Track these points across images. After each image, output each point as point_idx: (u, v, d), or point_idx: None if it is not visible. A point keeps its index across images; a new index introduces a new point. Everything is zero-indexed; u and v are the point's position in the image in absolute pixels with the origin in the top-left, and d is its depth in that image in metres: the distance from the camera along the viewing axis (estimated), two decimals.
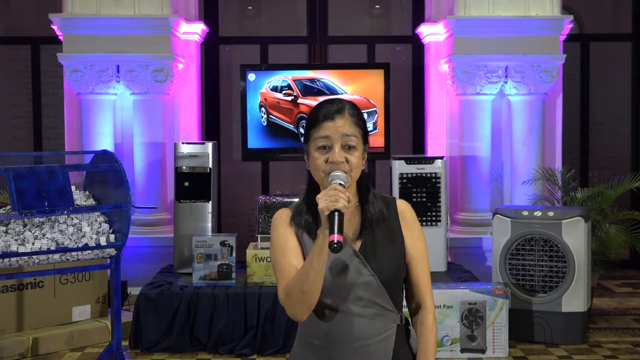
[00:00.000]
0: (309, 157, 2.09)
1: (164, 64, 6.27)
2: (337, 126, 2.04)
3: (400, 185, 5.76)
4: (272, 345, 5.08)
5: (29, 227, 4.07)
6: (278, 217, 2.14)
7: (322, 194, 1.94)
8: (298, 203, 2.16)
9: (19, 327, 5.12)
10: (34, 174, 4.03)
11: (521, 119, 6.43)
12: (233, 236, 5.31)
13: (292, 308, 2.01)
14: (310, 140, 2.08)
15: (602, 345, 5.22)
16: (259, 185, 7.44)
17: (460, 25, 6.32)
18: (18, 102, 7.96)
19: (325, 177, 2.03)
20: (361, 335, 2.05)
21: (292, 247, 2.08)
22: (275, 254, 2.09)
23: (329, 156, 2.04)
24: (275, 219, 2.14)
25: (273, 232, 2.13)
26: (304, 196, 2.15)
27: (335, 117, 2.05)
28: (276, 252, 2.09)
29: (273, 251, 2.11)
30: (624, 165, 7.85)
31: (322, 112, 2.07)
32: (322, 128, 2.05)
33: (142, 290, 5.18)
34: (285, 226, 2.11)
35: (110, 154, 4.48)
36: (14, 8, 8.04)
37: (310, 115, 2.10)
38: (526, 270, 5.26)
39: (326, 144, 2.04)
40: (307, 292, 1.96)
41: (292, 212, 2.13)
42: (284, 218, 2.13)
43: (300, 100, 6.05)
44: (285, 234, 2.10)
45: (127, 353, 5.02)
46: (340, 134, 2.04)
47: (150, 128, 6.35)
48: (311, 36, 7.40)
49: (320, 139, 2.05)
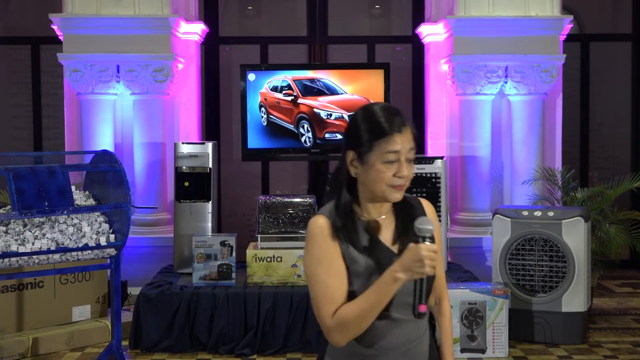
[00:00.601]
0: (368, 166, 2.01)
1: (164, 64, 6.27)
2: (404, 140, 1.99)
3: None
4: (272, 345, 5.08)
5: (29, 227, 4.07)
6: (318, 229, 2.02)
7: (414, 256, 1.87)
8: (333, 212, 2.05)
9: (19, 327, 5.12)
10: (34, 174, 4.03)
11: (521, 119, 6.42)
12: (233, 236, 5.31)
13: (339, 337, 1.97)
14: (372, 151, 1.99)
15: (602, 345, 5.22)
16: (259, 185, 7.44)
17: (460, 25, 6.32)
18: (18, 102, 7.96)
19: (387, 190, 2.01)
20: (407, 340, 2.05)
21: (337, 267, 1.99)
22: (317, 271, 2.00)
23: (397, 171, 2.00)
24: (313, 229, 2.02)
25: (313, 244, 2.01)
26: (341, 203, 2.05)
27: (403, 130, 2.00)
28: (318, 268, 1.99)
29: (313, 265, 2.01)
30: (624, 165, 7.85)
31: (390, 123, 1.99)
32: (393, 142, 1.98)
33: (142, 290, 5.19)
34: (327, 239, 2.01)
35: (110, 154, 4.48)
36: (14, 8, 8.04)
37: (374, 124, 2.00)
38: (526, 270, 5.26)
39: (395, 159, 1.99)
40: (365, 327, 1.96)
41: (331, 221, 2.02)
42: (325, 229, 2.01)
43: (300, 100, 6.05)
44: (327, 249, 2.00)
45: (127, 353, 5.02)
46: (407, 148, 2.00)
47: (150, 128, 6.35)
48: (311, 36, 7.40)
49: (391, 153, 1.98)
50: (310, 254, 2.02)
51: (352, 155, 2.04)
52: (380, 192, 2.02)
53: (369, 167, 2.00)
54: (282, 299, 5.10)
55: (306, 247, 2.04)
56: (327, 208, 2.07)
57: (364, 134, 2.01)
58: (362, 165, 2.02)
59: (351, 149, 2.04)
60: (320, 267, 1.99)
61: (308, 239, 2.04)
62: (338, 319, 1.95)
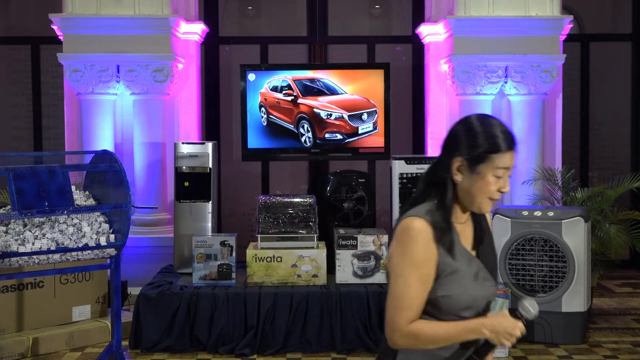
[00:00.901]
0: (478, 176, 2.07)
1: (164, 64, 6.27)
2: (513, 159, 2.09)
3: (400, 185, 5.76)
4: (272, 345, 5.08)
5: (29, 227, 4.07)
6: (419, 231, 2.03)
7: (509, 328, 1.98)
8: (434, 215, 2.07)
9: (19, 327, 5.12)
10: (34, 174, 4.03)
11: (521, 119, 6.42)
12: (233, 236, 5.31)
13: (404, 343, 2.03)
14: (486, 163, 2.05)
15: (602, 345, 5.22)
16: (259, 185, 7.44)
17: (460, 25, 6.32)
18: (18, 102, 7.96)
19: (485, 201, 2.09)
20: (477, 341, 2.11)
21: (427, 274, 2.03)
22: (408, 273, 2.02)
23: (501, 186, 2.09)
24: (414, 232, 2.03)
25: (411, 246, 2.02)
26: (447, 207, 2.08)
27: (514, 149, 2.09)
28: (410, 271, 2.02)
29: (405, 266, 2.02)
30: (624, 165, 7.85)
31: (508, 140, 2.07)
32: (507, 158, 2.06)
33: (142, 290, 5.18)
34: (428, 244, 2.03)
35: (110, 154, 4.48)
36: (14, 8, 8.04)
37: (494, 138, 2.06)
38: (526, 270, 5.26)
39: (502, 175, 2.08)
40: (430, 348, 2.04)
41: (432, 225, 2.04)
42: (427, 232, 2.03)
43: (300, 100, 6.05)
44: (425, 255, 2.03)
45: (127, 353, 5.02)
46: (511, 167, 2.10)
47: (150, 128, 6.35)
48: (311, 36, 7.40)
49: (501, 169, 2.06)
50: (405, 255, 2.03)
51: (460, 162, 2.08)
52: (478, 202, 2.09)
53: (479, 177, 2.07)
54: (282, 299, 5.10)
55: (400, 246, 2.05)
56: (420, 210, 2.08)
57: (482, 145, 2.05)
58: (471, 174, 2.07)
59: (462, 156, 2.07)
60: (412, 271, 2.02)
61: (406, 239, 2.04)
62: (412, 331, 2.00)
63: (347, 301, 5.12)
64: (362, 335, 5.09)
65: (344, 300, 5.12)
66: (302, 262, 5.26)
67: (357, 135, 6.06)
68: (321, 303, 5.11)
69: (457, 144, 2.08)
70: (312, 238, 5.36)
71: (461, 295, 2.04)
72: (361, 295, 5.13)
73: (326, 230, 5.71)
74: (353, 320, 5.10)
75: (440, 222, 2.06)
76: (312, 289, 5.17)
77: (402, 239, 2.04)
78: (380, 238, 5.30)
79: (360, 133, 6.06)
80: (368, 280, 5.30)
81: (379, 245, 5.29)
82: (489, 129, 2.07)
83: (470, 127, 2.09)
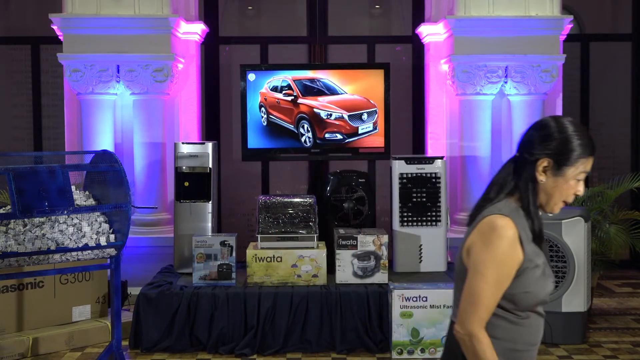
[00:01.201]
0: (563, 179, 2.12)
1: (164, 64, 6.27)
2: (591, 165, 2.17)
3: (400, 185, 5.76)
4: (272, 345, 5.08)
5: (29, 227, 4.07)
6: (510, 232, 2.06)
7: None
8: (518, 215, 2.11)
9: (19, 327, 5.12)
10: (34, 174, 4.03)
11: (521, 119, 6.42)
12: (233, 236, 5.31)
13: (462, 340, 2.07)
14: (574, 166, 2.11)
15: (602, 345, 5.22)
16: (259, 185, 7.44)
17: (460, 25, 6.32)
18: (18, 102, 7.96)
19: (559, 203, 2.14)
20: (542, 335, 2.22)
21: (507, 275, 2.06)
22: (491, 272, 2.04)
23: (577, 191, 2.15)
24: (505, 231, 2.06)
25: (497, 244, 2.05)
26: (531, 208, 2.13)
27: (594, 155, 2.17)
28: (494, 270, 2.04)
29: (490, 263, 2.04)
30: (624, 165, 7.85)
31: (593, 146, 2.15)
32: (589, 163, 2.14)
33: (142, 290, 5.19)
34: (514, 245, 2.06)
35: (110, 154, 4.48)
36: (14, 8, 8.04)
37: (586, 143, 2.13)
38: None
39: (582, 179, 2.15)
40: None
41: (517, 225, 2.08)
42: (513, 232, 2.06)
43: (300, 100, 6.05)
44: (509, 255, 2.06)
45: (127, 353, 5.02)
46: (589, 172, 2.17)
47: (150, 128, 6.35)
48: (311, 36, 7.40)
49: (583, 173, 2.14)
50: (489, 253, 2.05)
51: (548, 163, 2.11)
52: (553, 203, 2.14)
53: (563, 180, 2.12)
54: (282, 299, 5.10)
55: (485, 244, 2.07)
56: (504, 209, 2.12)
57: (575, 149, 2.11)
58: (555, 176, 2.12)
59: (550, 157, 2.11)
60: (494, 269, 2.04)
61: (492, 237, 2.06)
62: (477, 339, 2.04)
63: (347, 301, 5.12)
64: (362, 335, 5.09)
65: (344, 300, 5.12)
66: (302, 262, 5.26)
67: (357, 135, 6.06)
68: (321, 303, 5.11)
69: (547, 144, 2.11)
70: (312, 238, 5.36)
71: (538, 291, 2.10)
72: (361, 295, 5.13)
73: (326, 230, 5.71)
74: (353, 320, 5.10)
75: (523, 221, 2.10)
76: (312, 289, 5.17)
77: (487, 236, 2.07)
78: (380, 238, 5.30)
79: (360, 133, 6.06)
80: (368, 280, 5.30)
81: (379, 245, 5.29)
82: (580, 133, 2.13)
83: (562, 130, 2.12)
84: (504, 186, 2.17)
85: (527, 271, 2.08)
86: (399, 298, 4.91)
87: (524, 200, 2.13)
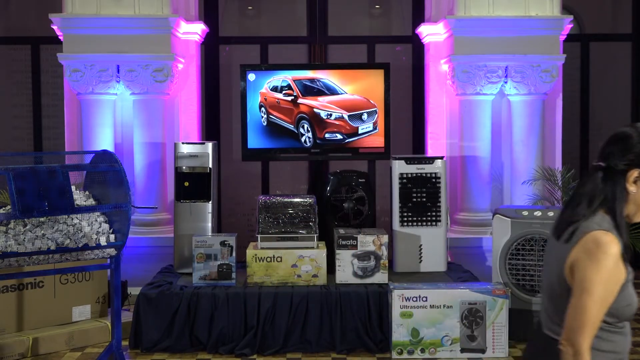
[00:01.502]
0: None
1: (164, 64, 6.27)
2: None
3: (400, 185, 5.76)
4: (272, 345, 5.08)
5: (29, 227, 4.07)
6: (612, 249, 2.06)
7: None
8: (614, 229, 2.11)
9: (19, 327, 5.12)
10: (34, 174, 4.02)
11: (521, 119, 6.43)
12: (233, 236, 5.31)
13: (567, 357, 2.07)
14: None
15: None
16: (259, 185, 7.44)
17: (460, 25, 6.32)
18: (18, 102, 7.96)
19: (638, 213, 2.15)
20: None
21: (612, 291, 2.07)
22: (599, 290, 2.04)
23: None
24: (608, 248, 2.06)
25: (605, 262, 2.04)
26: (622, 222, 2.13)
27: None
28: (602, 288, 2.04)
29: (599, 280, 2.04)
30: None
31: None
32: None
33: (142, 290, 5.19)
34: (619, 262, 2.07)
35: (110, 154, 4.48)
36: (14, 8, 8.04)
37: None
38: (526, 270, 5.26)
39: None
40: None
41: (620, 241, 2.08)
42: (617, 249, 2.06)
43: (300, 100, 6.05)
44: (615, 273, 2.06)
45: (127, 353, 5.02)
46: None
47: (150, 128, 6.35)
48: (311, 36, 7.40)
49: None
50: (599, 270, 2.04)
51: (639, 174, 2.11)
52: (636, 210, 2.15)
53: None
54: (282, 299, 5.10)
55: (592, 262, 2.05)
56: (604, 224, 2.11)
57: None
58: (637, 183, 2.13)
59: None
60: (601, 287, 2.04)
61: (599, 256, 2.05)
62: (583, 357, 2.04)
63: (347, 301, 5.12)
64: (362, 335, 5.09)
65: (344, 300, 5.12)
66: (302, 262, 5.26)
67: (357, 135, 6.06)
68: (321, 303, 5.11)
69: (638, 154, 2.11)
70: (312, 238, 5.36)
71: (636, 302, 2.13)
72: (361, 295, 5.13)
73: (326, 230, 5.72)
74: (353, 320, 5.10)
75: (620, 235, 2.10)
76: (312, 289, 5.17)
77: (593, 253, 2.05)
78: (380, 238, 5.30)
79: (360, 133, 6.06)
80: (368, 280, 5.30)
81: (379, 245, 5.29)
82: None
83: None
84: (594, 198, 2.14)
85: (627, 285, 2.10)
86: (399, 298, 4.91)
87: (615, 213, 2.12)
